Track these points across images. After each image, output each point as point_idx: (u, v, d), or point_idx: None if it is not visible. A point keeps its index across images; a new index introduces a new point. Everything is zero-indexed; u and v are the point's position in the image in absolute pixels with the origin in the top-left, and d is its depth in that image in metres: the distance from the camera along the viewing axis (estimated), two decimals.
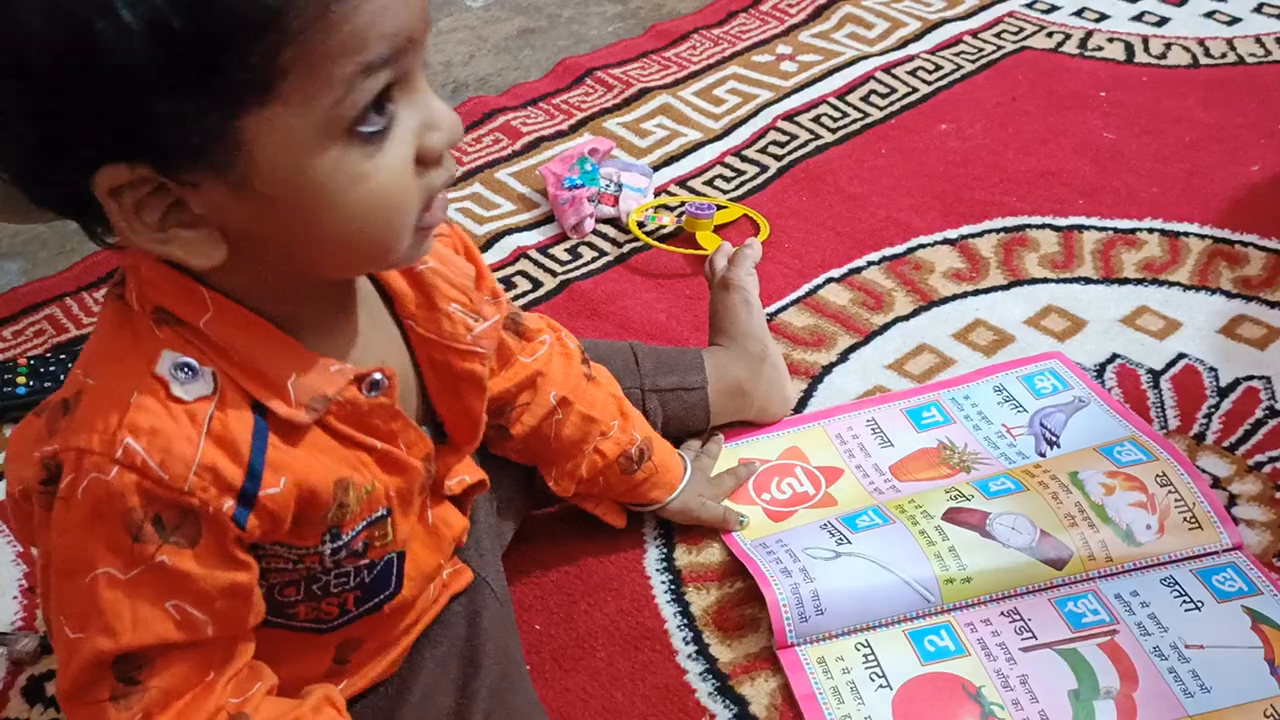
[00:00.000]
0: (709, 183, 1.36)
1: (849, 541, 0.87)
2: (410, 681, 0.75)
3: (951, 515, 0.88)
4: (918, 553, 0.86)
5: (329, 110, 0.51)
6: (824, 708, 0.80)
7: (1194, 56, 1.52)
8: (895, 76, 1.51)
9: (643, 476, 0.88)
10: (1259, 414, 1.02)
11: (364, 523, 0.64)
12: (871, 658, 0.82)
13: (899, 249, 1.23)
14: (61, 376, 1.09)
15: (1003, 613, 0.84)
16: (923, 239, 1.24)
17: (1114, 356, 1.09)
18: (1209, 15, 1.60)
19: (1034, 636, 0.83)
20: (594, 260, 1.25)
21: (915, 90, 1.49)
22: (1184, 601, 0.84)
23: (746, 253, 1.08)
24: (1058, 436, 0.97)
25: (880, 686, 0.81)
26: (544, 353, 0.83)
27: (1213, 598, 0.85)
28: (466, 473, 0.76)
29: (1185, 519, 0.89)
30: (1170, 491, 0.90)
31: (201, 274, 0.56)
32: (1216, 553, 0.88)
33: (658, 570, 0.91)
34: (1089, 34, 1.58)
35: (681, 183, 1.36)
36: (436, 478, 0.70)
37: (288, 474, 0.58)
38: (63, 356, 1.11)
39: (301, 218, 0.53)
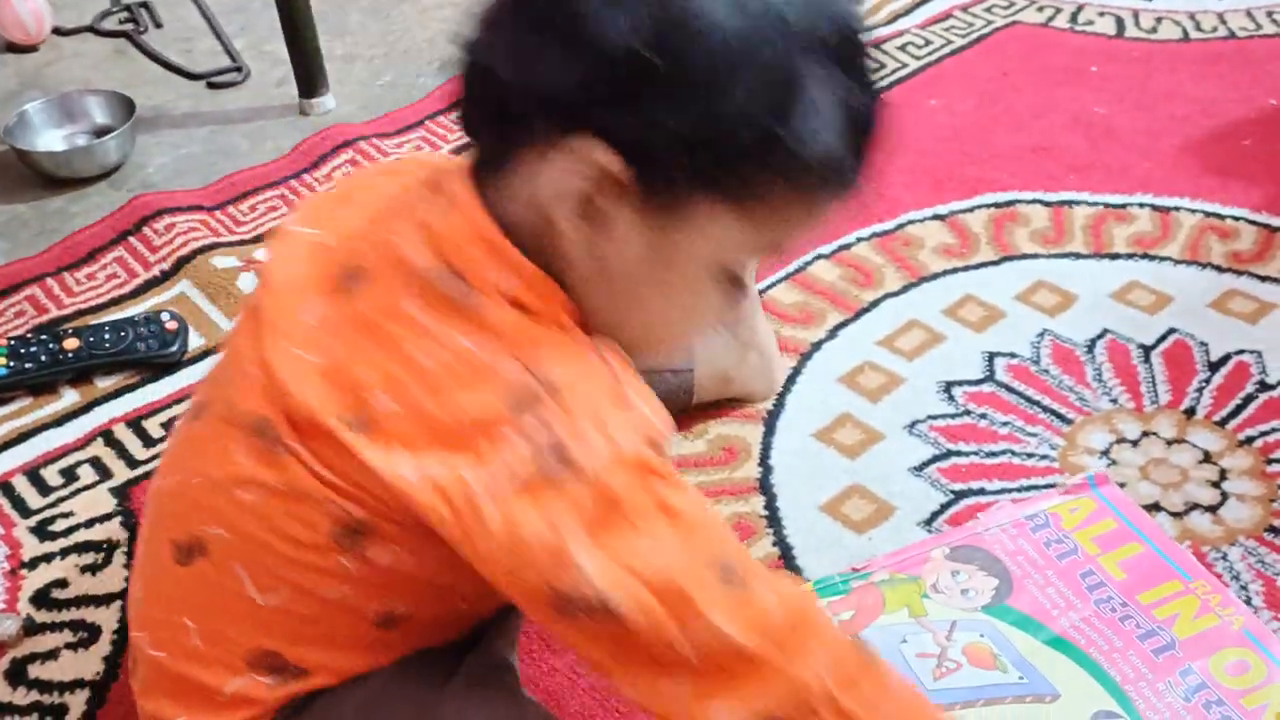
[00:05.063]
0: None
1: None
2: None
3: None
4: None
5: (751, 246, 0.59)
6: None
7: (1185, 31, 1.51)
8: (885, 52, 1.50)
9: None
10: (1250, 388, 1.01)
11: None
12: None
13: (889, 225, 1.22)
14: (43, 357, 1.08)
15: None
16: (913, 214, 1.23)
17: (1105, 331, 1.08)
18: None
19: None
20: None
21: (905, 65, 1.48)
22: None
23: None
24: None
25: None
26: None
27: None
28: None
29: None
30: None
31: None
32: None
33: None
34: (1080, 8, 1.57)
35: None
36: None
37: None
38: (44, 337, 1.10)
39: (655, 288, 0.59)
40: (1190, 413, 1.00)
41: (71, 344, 1.09)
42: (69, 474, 1.01)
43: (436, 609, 0.66)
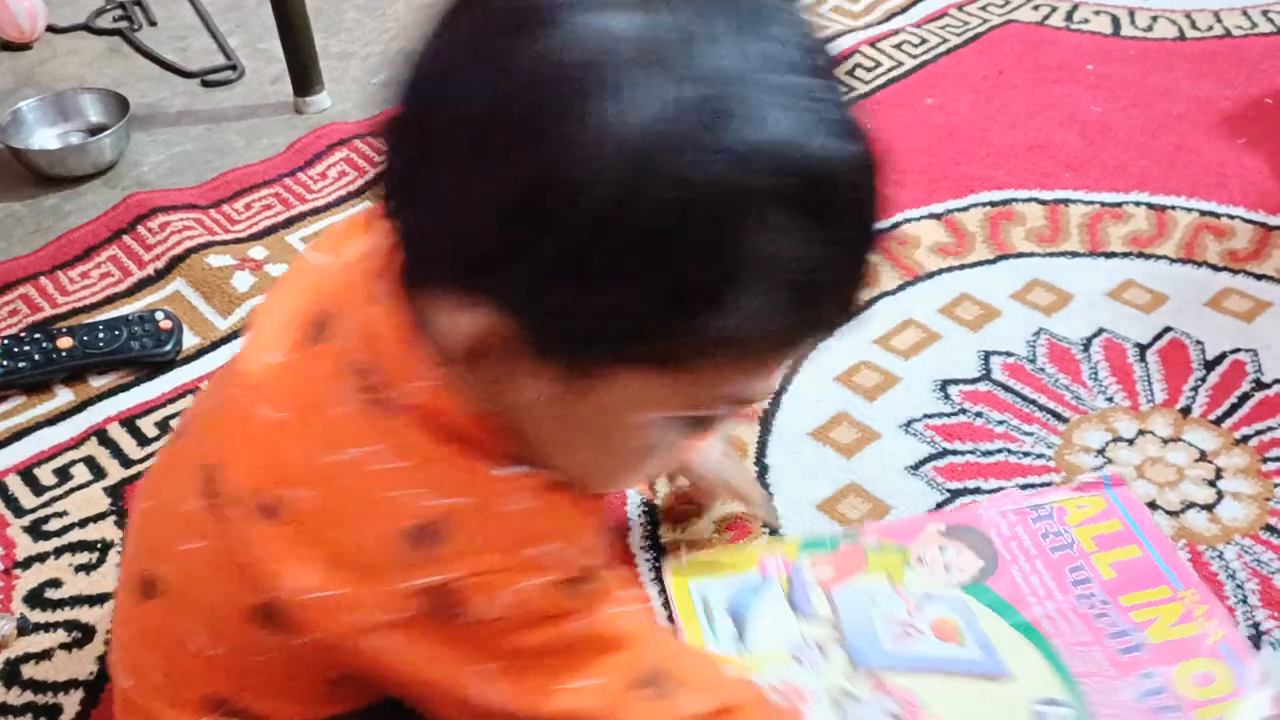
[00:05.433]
0: None
1: None
2: None
3: None
4: None
5: (693, 404, 0.50)
6: None
7: (1180, 29, 1.51)
8: (880, 50, 1.50)
9: None
10: (1245, 387, 1.01)
11: None
12: None
13: (884, 224, 1.22)
14: (36, 356, 1.08)
15: None
16: (908, 213, 1.23)
17: (1100, 330, 1.08)
18: None
19: None
20: None
21: (900, 64, 1.47)
22: None
23: None
24: None
25: None
26: None
27: None
28: None
29: None
30: None
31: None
32: None
33: (642, 549, 0.91)
34: (1075, 6, 1.57)
35: None
36: None
37: None
38: (38, 336, 1.10)
39: (578, 437, 0.52)
40: (1186, 411, 1.00)
41: (65, 343, 1.09)
42: (63, 473, 1.01)
43: None
